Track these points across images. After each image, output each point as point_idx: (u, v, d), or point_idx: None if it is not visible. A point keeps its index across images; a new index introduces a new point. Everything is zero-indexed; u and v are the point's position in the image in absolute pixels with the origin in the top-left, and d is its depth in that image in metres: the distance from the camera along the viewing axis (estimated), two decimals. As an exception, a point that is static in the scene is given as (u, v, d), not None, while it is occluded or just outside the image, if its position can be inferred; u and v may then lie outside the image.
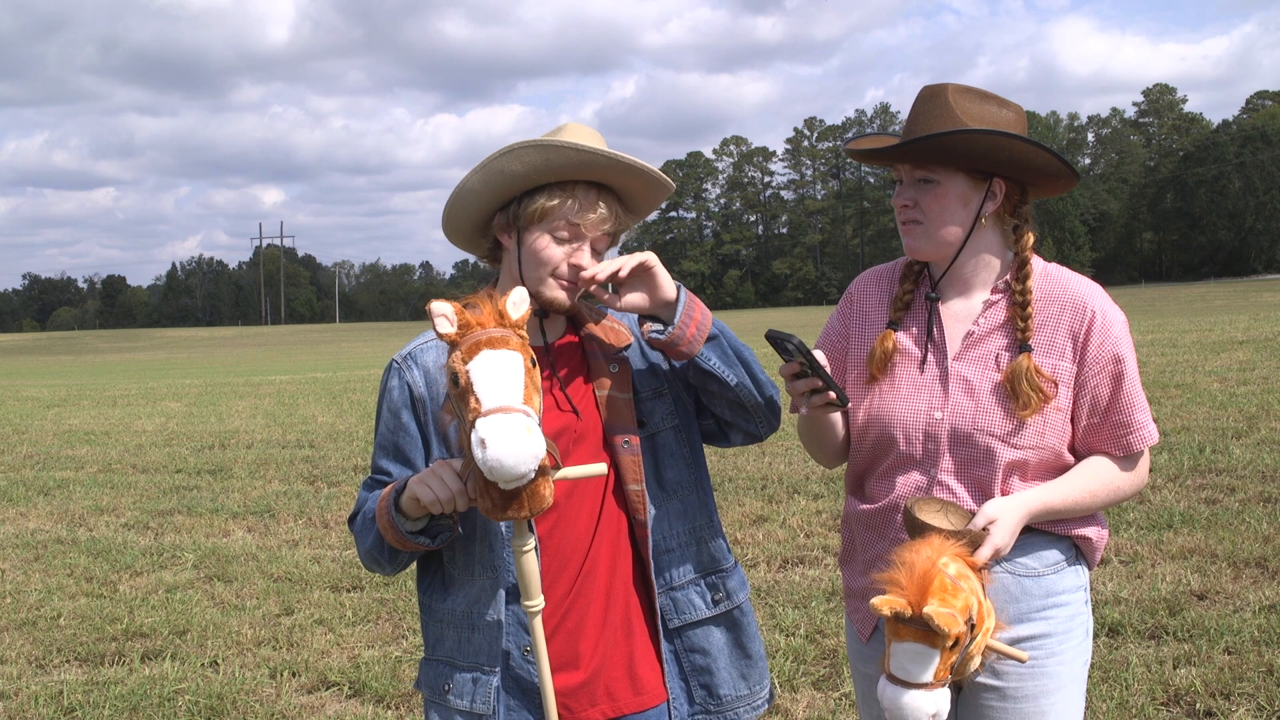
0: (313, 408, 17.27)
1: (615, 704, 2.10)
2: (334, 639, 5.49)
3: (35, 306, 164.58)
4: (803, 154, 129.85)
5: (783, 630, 5.10)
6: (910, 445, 2.15)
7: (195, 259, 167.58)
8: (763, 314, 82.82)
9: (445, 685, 2.08)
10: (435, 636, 2.14)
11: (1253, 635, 4.55)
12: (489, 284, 2.17)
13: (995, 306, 2.16)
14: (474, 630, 2.06)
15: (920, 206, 2.13)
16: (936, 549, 1.89)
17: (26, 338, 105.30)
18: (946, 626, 1.81)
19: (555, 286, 2.07)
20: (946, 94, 2.10)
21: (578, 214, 2.04)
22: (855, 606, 2.29)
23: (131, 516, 9.00)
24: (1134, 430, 2.12)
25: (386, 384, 2.13)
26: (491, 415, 1.70)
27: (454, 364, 1.78)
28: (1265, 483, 7.18)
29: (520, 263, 2.07)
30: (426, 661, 2.16)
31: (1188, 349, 15.50)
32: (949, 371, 2.15)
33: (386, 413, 2.12)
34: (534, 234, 2.05)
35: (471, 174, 2.05)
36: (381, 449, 2.12)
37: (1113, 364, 2.10)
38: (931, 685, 1.87)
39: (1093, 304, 2.12)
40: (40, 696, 4.85)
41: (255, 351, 60.46)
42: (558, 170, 2.02)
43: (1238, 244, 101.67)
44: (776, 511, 7.48)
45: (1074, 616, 2.17)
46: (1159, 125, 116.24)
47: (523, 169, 2.01)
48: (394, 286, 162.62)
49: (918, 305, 2.23)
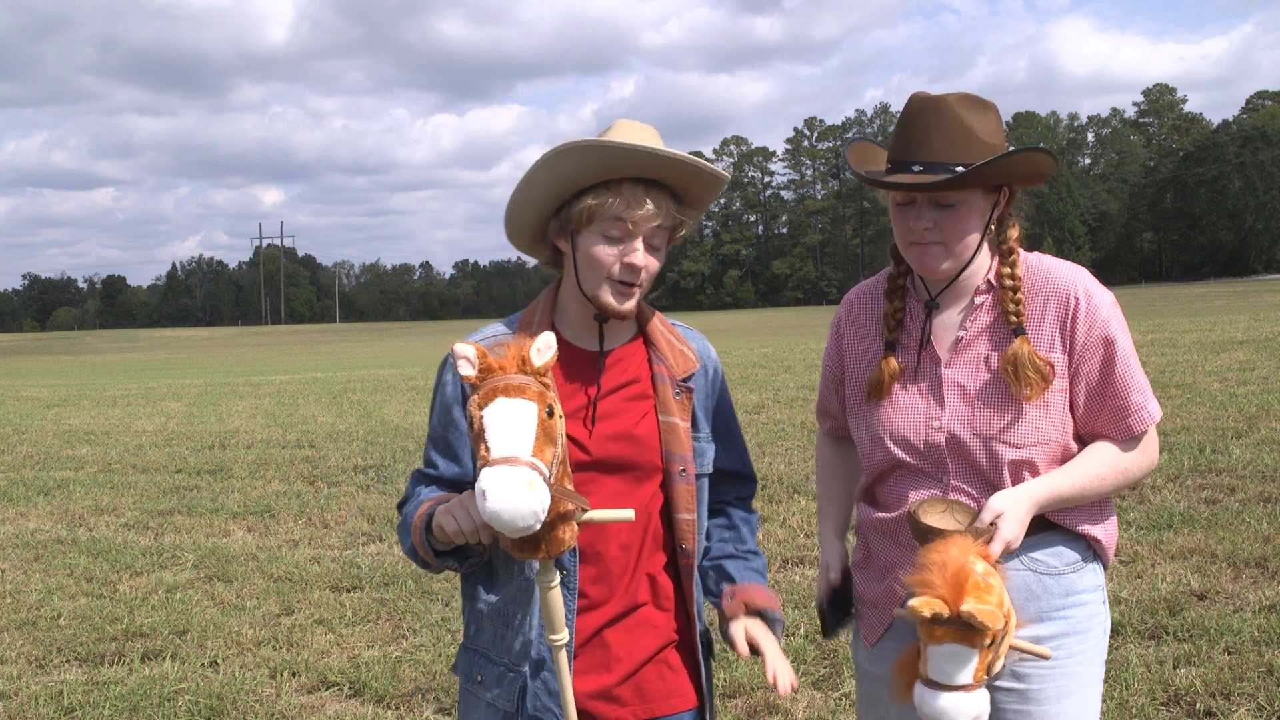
0: (313, 408, 17.27)
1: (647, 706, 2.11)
2: (334, 639, 5.49)
3: (35, 306, 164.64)
4: (803, 154, 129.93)
5: (783, 630, 5.09)
6: (915, 457, 2.14)
7: (195, 259, 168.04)
8: (763, 314, 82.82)
9: (478, 675, 2.09)
10: (475, 625, 2.14)
11: (1253, 635, 4.55)
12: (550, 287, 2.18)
13: (981, 309, 2.15)
14: (509, 628, 2.06)
15: (942, 227, 2.08)
16: (962, 548, 1.86)
17: (26, 338, 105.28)
18: (990, 622, 1.78)
19: (611, 291, 2.04)
20: (953, 109, 2.04)
21: (625, 210, 2.01)
22: (865, 614, 2.28)
23: (131, 516, 8.99)
24: (1132, 412, 2.09)
25: (441, 377, 2.13)
26: (496, 466, 1.69)
27: (471, 408, 1.78)
28: (1265, 483, 7.18)
29: (577, 267, 2.06)
30: (465, 648, 2.17)
31: (1188, 349, 15.49)
32: (942, 380, 2.14)
33: (439, 406, 2.11)
34: (586, 236, 2.04)
35: (521, 180, 2.05)
36: (432, 441, 2.12)
37: (1102, 347, 2.08)
38: (971, 687, 1.84)
39: (1076, 289, 2.09)
40: (40, 696, 4.85)
41: (255, 351, 60.47)
42: (602, 169, 2.00)
43: (1238, 244, 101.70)
44: (776, 511, 7.48)
45: (1092, 616, 2.16)
46: (1159, 125, 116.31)
47: (565, 172, 2.00)
48: (394, 286, 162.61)
49: (909, 320, 2.21)
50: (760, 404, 13.74)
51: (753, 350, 25.67)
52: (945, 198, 2.06)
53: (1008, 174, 2.09)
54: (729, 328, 53.94)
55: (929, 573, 1.84)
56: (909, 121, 2.09)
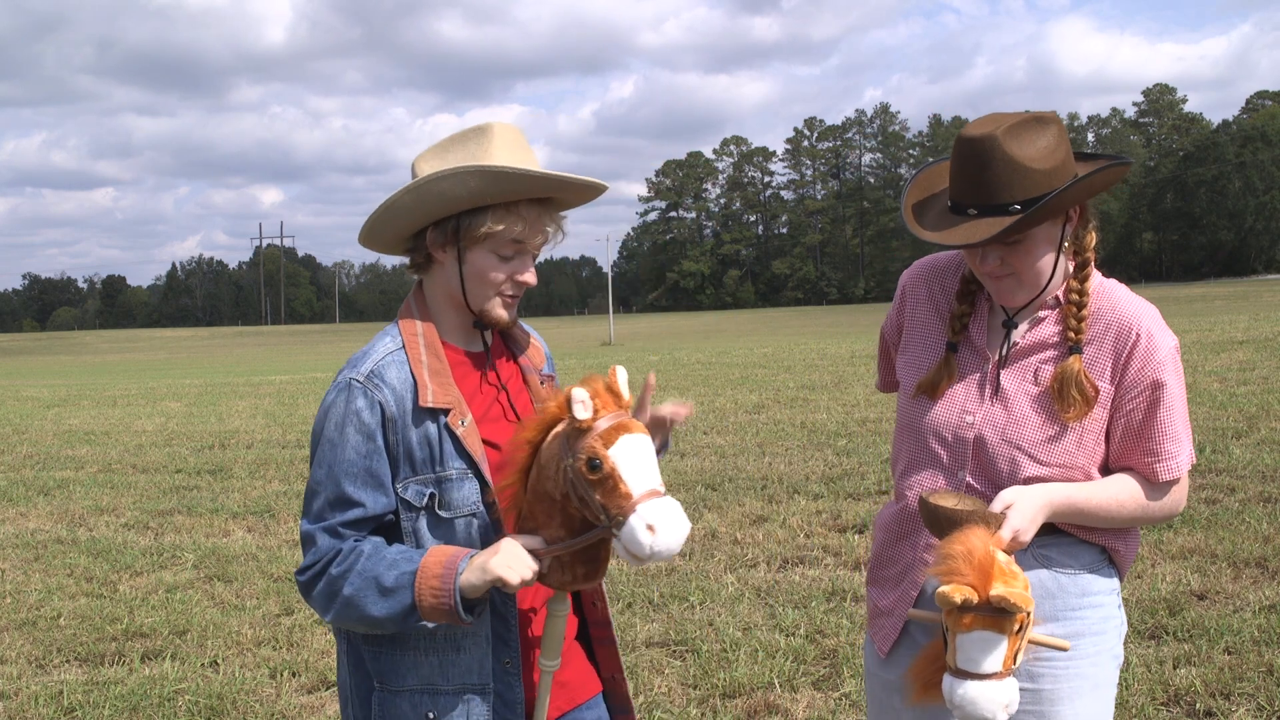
0: (313, 408, 17.25)
1: (570, 695, 2.17)
2: (334, 639, 5.49)
3: (35, 306, 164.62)
4: (803, 154, 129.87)
5: (783, 630, 5.10)
6: (941, 445, 2.14)
7: (195, 259, 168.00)
8: (763, 313, 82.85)
9: (428, 713, 2.01)
10: (405, 665, 2.03)
11: (1253, 635, 4.56)
12: (414, 294, 2.14)
13: (1044, 322, 2.13)
14: (459, 650, 2.02)
15: (1010, 263, 2.05)
16: (983, 538, 1.86)
17: (26, 338, 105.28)
18: (1021, 603, 1.78)
19: (500, 304, 2.06)
20: (1000, 146, 1.96)
21: (525, 234, 2.02)
22: (879, 625, 2.27)
23: (131, 516, 8.99)
24: (1161, 459, 2.07)
25: (350, 405, 1.97)
26: (650, 501, 1.78)
27: (593, 448, 1.80)
28: (1265, 483, 7.18)
29: (463, 279, 2.04)
30: (391, 694, 2.04)
31: (1188, 349, 15.49)
32: (986, 380, 2.13)
33: (356, 437, 1.96)
34: (478, 253, 2.02)
35: (404, 193, 1.99)
36: (350, 477, 1.96)
37: (1150, 389, 2.05)
38: (1001, 675, 1.83)
39: (1140, 325, 2.07)
40: (40, 696, 4.85)
41: (255, 351, 60.47)
42: (502, 195, 1.98)
43: (1238, 244, 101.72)
44: (776, 511, 7.48)
45: (1107, 619, 2.15)
46: (1159, 125, 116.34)
47: (465, 193, 1.96)
48: (394, 286, 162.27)
49: (974, 323, 2.19)
50: (760, 404, 13.74)
51: (753, 350, 25.67)
52: (1007, 237, 2.01)
53: (1069, 201, 2.03)
54: (729, 328, 53.95)
55: (955, 561, 1.84)
56: (959, 165, 2.04)
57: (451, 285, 2.06)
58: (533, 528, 1.95)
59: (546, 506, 1.92)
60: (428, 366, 2.02)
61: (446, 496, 1.99)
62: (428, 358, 2.03)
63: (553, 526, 1.92)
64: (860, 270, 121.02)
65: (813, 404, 13.40)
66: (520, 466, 1.94)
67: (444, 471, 1.99)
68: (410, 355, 2.03)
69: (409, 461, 1.99)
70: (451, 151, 2.02)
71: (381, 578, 1.91)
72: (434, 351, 2.05)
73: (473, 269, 2.02)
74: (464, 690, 2.02)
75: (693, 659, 4.84)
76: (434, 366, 2.03)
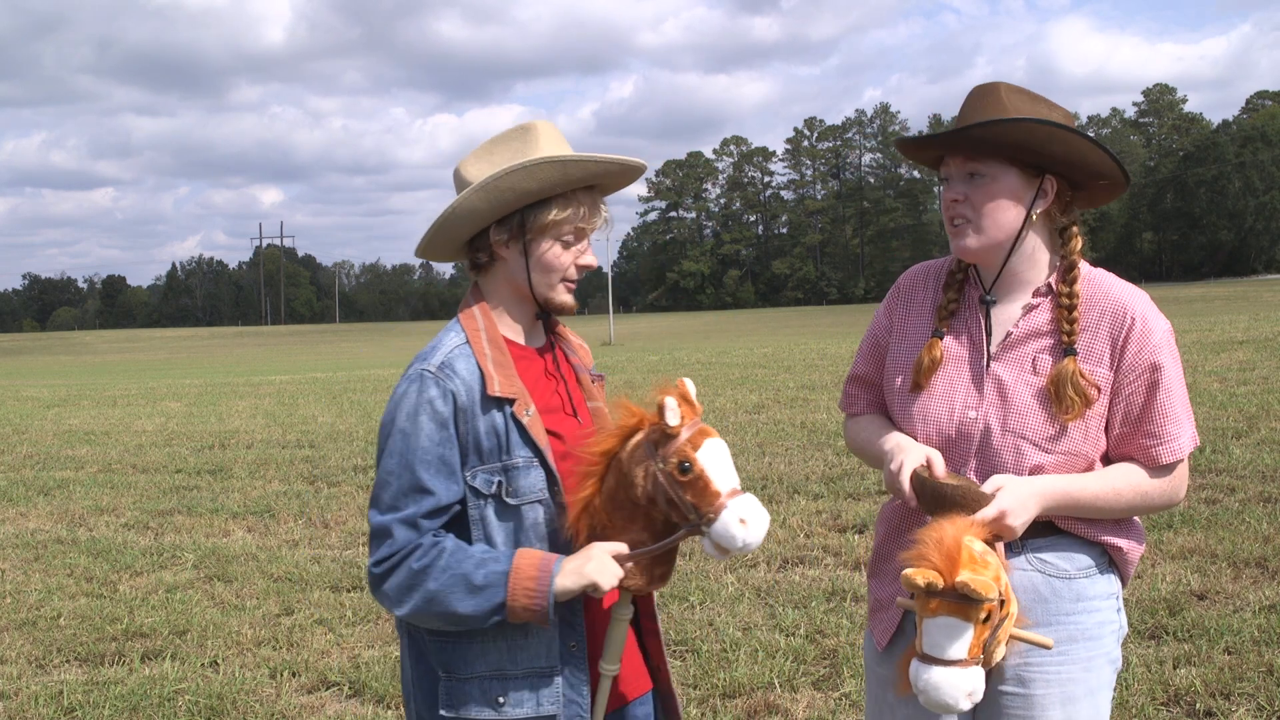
0: (313, 408, 17.28)
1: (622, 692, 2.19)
2: (334, 639, 5.49)
3: (35, 306, 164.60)
4: (803, 154, 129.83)
5: (783, 630, 5.10)
6: (943, 442, 2.14)
7: (195, 259, 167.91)
8: (763, 313, 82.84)
9: (498, 698, 2.05)
10: (472, 654, 2.06)
11: (1253, 635, 4.56)
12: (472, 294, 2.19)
13: (1036, 310, 2.14)
14: (528, 635, 2.05)
15: (970, 201, 2.10)
16: (959, 527, 1.89)
17: (26, 338, 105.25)
18: (983, 591, 1.79)
19: (564, 290, 2.15)
20: (999, 90, 2.09)
21: (585, 220, 2.12)
22: (879, 618, 2.27)
23: (131, 516, 9.00)
24: (1163, 442, 2.08)
25: (424, 395, 2.02)
26: (738, 497, 1.91)
27: (684, 452, 1.92)
28: (1265, 483, 7.19)
29: (530, 271, 2.11)
30: (459, 682, 2.06)
31: (1188, 349, 15.49)
32: (985, 372, 2.14)
33: (430, 425, 2.00)
34: (544, 243, 2.10)
35: (472, 194, 2.05)
36: (424, 465, 1.99)
37: (1148, 372, 2.07)
38: (965, 662, 1.84)
39: (1134, 310, 2.10)
40: (40, 696, 4.85)
41: (255, 351, 60.48)
42: (573, 183, 2.08)
43: (1238, 244, 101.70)
44: (776, 511, 7.48)
45: (1104, 624, 2.14)
46: (1159, 125, 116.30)
47: (536, 186, 2.04)
48: (394, 286, 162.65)
49: (962, 312, 2.21)
50: (760, 404, 13.74)
51: (753, 350, 25.67)
52: (974, 166, 2.08)
53: (1034, 149, 2.06)
54: (729, 328, 53.96)
55: (924, 547, 1.87)
56: (963, 105, 2.14)
57: (516, 279, 2.13)
58: (611, 535, 2.01)
59: (628, 513, 1.99)
60: (492, 359, 2.08)
61: (514, 484, 2.04)
62: (491, 351, 2.09)
63: (634, 531, 2.00)
64: (860, 270, 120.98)
65: (813, 404, 13.40)
66: (599, 476, 2.01)
67: (510, 460, 2.04)
68: (475, 349, 2.09)
69: (477, 451, 2.04)
70: (496, 153, 2.10)
71: (471, 575, 1.96)
72: (496, 345, 2.11)
73: (539, 259, 2.10)
74: (532, 674, 2.07)
75: (693, 659, 4.84)
76: (497, 359, 2.09)
